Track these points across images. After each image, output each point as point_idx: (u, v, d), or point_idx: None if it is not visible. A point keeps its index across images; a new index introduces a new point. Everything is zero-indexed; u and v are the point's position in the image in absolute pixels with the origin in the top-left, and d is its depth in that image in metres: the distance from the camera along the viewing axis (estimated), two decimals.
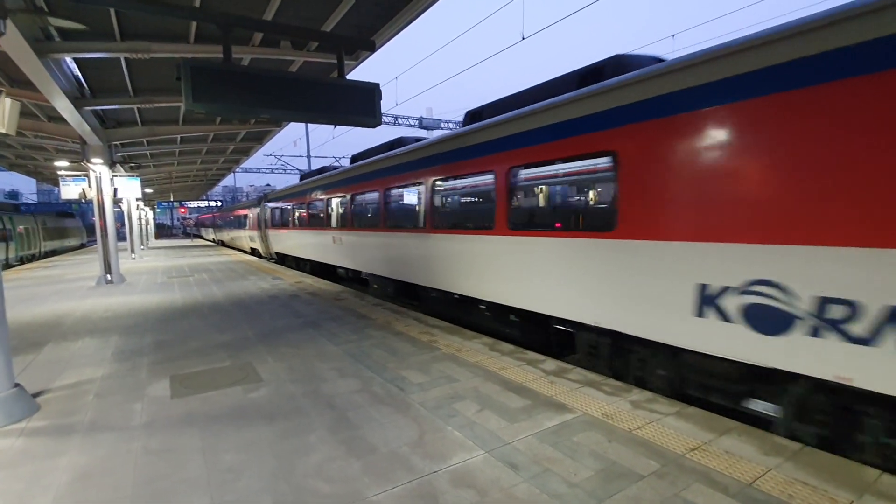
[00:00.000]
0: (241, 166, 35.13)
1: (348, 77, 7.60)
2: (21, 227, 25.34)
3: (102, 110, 11.44)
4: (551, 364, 4.91)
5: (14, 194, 73.98)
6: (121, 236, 23.59)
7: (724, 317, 3.63)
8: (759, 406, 3.82)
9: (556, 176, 5.75)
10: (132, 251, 21.47)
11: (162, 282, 12.69)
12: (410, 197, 8.76)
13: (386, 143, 9.86)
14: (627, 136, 4.36)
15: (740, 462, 2.91)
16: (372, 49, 6.56)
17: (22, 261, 25.00)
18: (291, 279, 12.86)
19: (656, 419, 3.55)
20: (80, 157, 12.09)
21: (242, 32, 7.28)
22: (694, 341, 3.89)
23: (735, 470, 2.82)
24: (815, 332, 3.13)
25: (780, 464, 2.88)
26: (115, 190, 13.88)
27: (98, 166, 11.95)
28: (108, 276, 12.33)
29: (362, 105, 5.55)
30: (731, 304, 3.58)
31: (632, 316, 4.41)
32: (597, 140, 4.68)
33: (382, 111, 5.82)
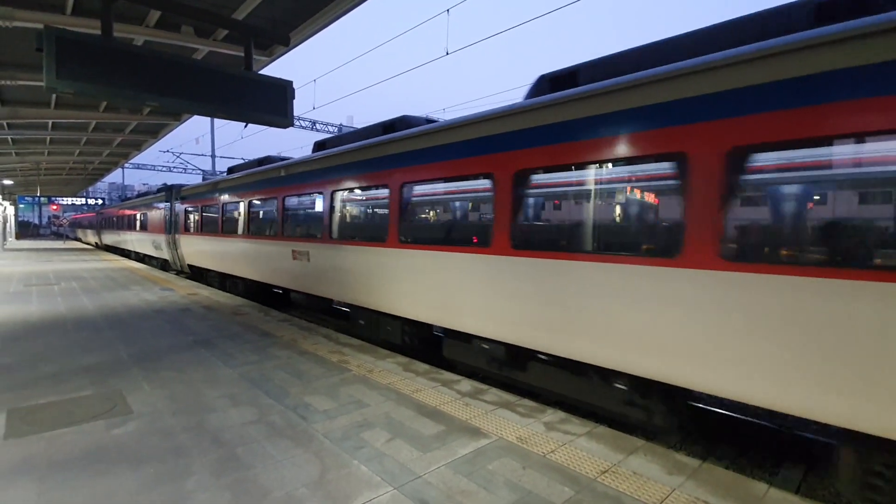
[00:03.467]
0: (132, 161, 31.39)
1: (262, 73, 7.03)
2: None
3: None
4: (466, 385, 4.77)
5: None
6: None
7: None
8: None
9: (366, 199, 7.75)
10: None
11: (16, 290, 10.69)
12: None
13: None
14: (400, 175, 6.10)
15: (648, 483, 2.95)
16: (286, 44, 6.10)
17: None
18: (184, 290, 11.54)
19: (569, 441, 3.53)
20: None
21: (131, 8, 6.42)
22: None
23: (644, 492, 2.84)
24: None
25: (683, 482, 2.96)
26: None
27: None
28: None
29: (272, 103, 5.11)
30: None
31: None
32: (381, 176, 6.51)
33: (300, 114, 5.43)
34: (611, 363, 3.88)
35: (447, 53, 8.74)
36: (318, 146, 8.76)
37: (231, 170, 13.42)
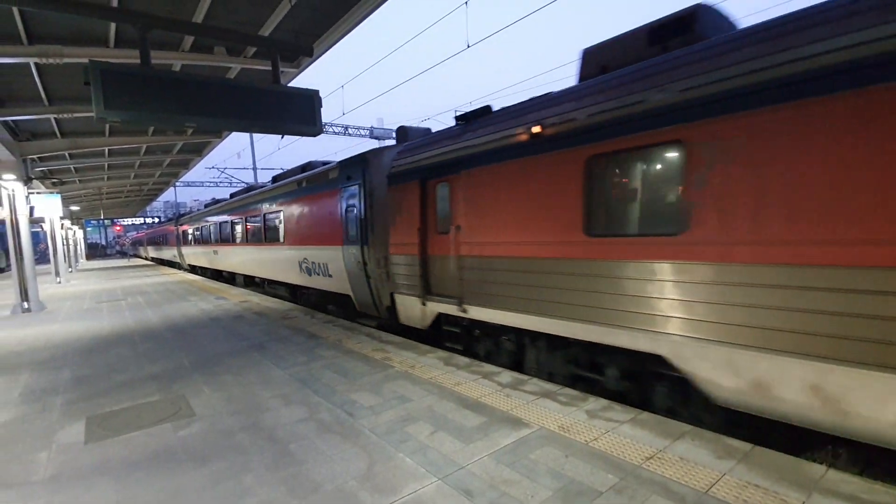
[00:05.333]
0: (182, 180, 33.29)
1: (291, 85, 7.27)
2: None
3: (13, 121, 10.39)
4: (507, 376, 4.80)
5: None
6: (47, 258, 21.44)
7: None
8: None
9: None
10: (57, 274, 19.66)
11: (89, 307, 11.63)
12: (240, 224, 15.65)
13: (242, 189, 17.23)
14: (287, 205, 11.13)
15: (695, 469, 2.88)
16: (311, 54, 6.28)
17: None
18: (236, 298, 12.16)
19: (612, 428, 3.49)
20: None
21: (168, 36, 6.81)
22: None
23: (691, 478, 2.78)
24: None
25: (733, 467, 2.87)
26: (32, 208, 12.64)
27: (10, 183, 10.82)
28: (26, 304, 11.15)
29: (301, 113, 5.28)
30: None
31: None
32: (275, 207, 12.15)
33: (331, 121, 5.59)
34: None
35: (468, 46, 8.70)
36: (274, 179, 13.69)
37: (207, 204, 21.69)
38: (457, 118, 6.38)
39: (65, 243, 24.84)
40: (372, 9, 6.25)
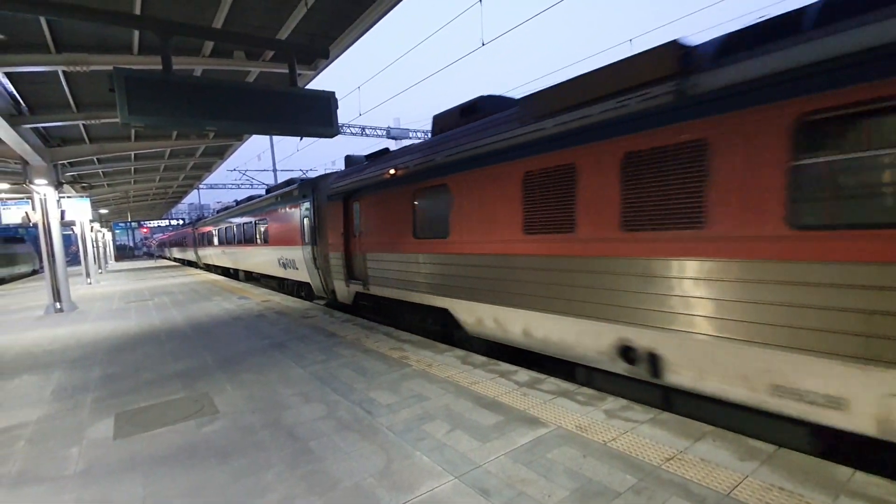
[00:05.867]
0: (205, 182, 34.02)
1: (308, 87, 7.36)
2: None
3: (44, 128, 10.79)
4: (524, 375, 4.78)
5: None
6: (78, 260, 22.18)
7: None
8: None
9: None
10: (87, 276, 20.35)
11: (118, 307, 12.01)
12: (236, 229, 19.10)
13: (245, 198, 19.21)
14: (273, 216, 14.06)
15: (717, 470, 2.82)
16: (327, 56, 6.35)
17: None
18: (258, 298, 12.40)
19: (631, 428, 3.45)
20: (22, 179, 11.34)
21: (188, 41, 6.96)
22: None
23: (712, 479, 2.73)
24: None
25: (756, 468, 2.81)
26: (63, 212, 13.10)
27: (42, 187, 11.23)
28: (58, 304, 11.58)
29: (318, 114, 5.35)
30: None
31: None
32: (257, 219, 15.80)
33: (348, 122, 5.69)
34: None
35: (483, 44, 8.67)
36: (268, 190, 16.02)
37: (218, 210, 24.07)
38: (366, 157, 9.32)
39: (94, 245, 25.67)
40: (386, 10, 6.28)
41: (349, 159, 10.42)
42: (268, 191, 16.01)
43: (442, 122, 7.11)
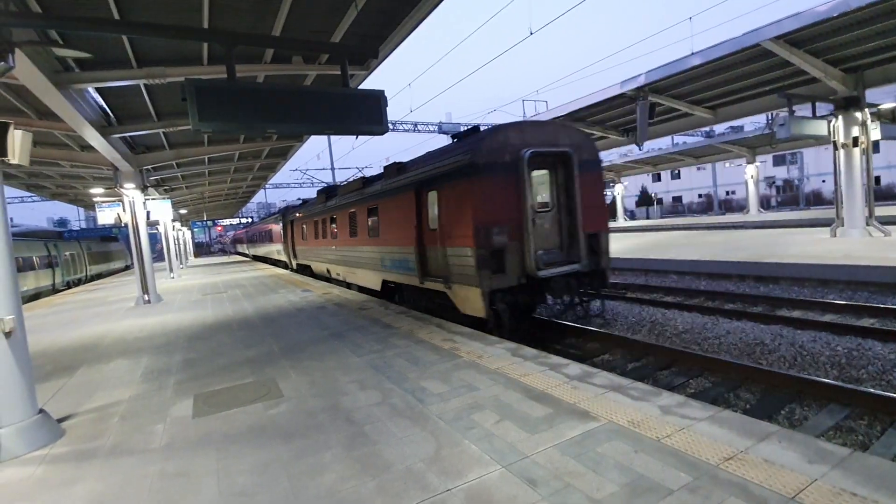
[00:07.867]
0: (270, 182, 36.08)
1: (361, 87, 7.61)
2: (66, 253, 26.80)
3: (130, 137, 11.92)
4: (575, 368, 4.71)
5: (63, 222, 78.56)
6: (163, 256, 24.48)
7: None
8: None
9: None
10: (170, 270, 22.34)
11: (196, 299, 13.10)
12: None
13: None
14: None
15: (781, 472, 2.66)
16: (377, 56, 6.53)
17: (69, 285, 26.42)
18: (320, 291, 13.03)
19: (687, 425, 3.32)
20: (114, 184, 12.64)
21: (251, 50, 7.40)
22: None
23: (775, 481, 2.58)
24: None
25: (826, 472, 2.62)
26: (148, 213, 14.43)
27: (130, 191, 12.46)
28: (146, 297, 12.82)
29: (369, 113, 5.51)
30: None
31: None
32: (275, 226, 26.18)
33: (399, 119, 5.83)
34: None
35: (531, 34, 8.51)
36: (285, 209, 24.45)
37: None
38: (318, 191, 16.38)
39: (176, 243, 28.07)
40: (432, 7, 6.35)
41: (326, 189, 16.63)
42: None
43: (348, 188, 13.14)
